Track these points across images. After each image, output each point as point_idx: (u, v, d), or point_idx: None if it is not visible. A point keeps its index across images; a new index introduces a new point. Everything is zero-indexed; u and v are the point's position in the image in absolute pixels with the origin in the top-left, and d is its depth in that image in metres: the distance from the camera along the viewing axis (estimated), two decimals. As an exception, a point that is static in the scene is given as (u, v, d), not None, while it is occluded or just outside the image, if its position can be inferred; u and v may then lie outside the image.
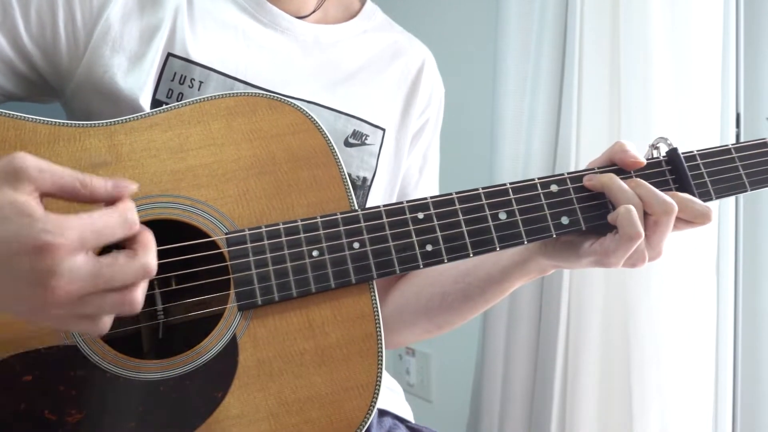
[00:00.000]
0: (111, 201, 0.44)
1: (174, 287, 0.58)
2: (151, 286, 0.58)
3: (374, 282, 0.57)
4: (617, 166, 0.63)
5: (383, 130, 0.77)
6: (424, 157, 0.85)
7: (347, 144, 0.74)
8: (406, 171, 0.83)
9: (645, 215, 0.58)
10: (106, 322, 0.45)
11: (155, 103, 0.66)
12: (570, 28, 1.03)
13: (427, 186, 0.85)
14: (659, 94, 0.94)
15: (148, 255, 0.44)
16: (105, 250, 0.45)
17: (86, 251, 0.42)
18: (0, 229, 0.40)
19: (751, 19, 1.00)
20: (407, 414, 0.81)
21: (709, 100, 0.93)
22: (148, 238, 0.45)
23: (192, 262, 0.57)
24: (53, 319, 0.43)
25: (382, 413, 0.77)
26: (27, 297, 0.41)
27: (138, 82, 0.65)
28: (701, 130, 0.92)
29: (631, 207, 0.57)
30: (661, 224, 0.58)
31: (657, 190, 0.59)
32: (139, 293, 0.44)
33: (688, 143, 0.90)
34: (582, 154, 1.02)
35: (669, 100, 0.94)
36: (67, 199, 0.43)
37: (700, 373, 0.93)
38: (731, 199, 0.99)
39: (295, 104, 0.63)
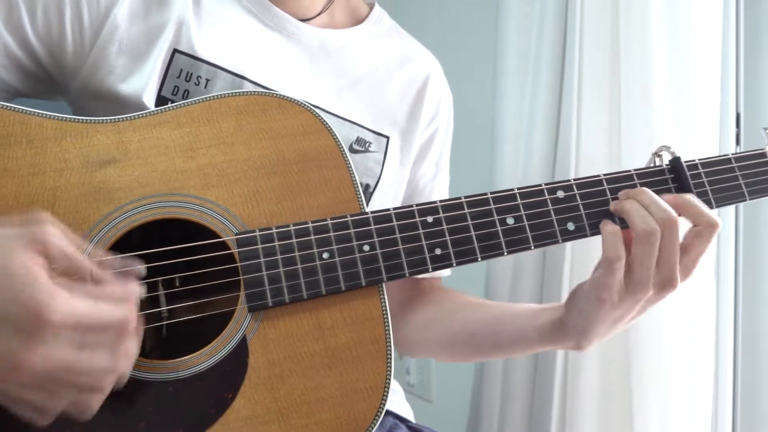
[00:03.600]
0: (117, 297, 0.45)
1: (181, 288, 0.58)
2: (157, 287, 0.58)
3: (384, 285, 0.58)
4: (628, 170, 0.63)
5: (387, 138, 0.77)
6: (437, 165, 0.84)
7: (351, 150, 0.74)
8: (419, 180, 0.83)
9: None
10: (48, 419, 0.44)
11: (160, 100, 0.66)
12: (570, 28, 1.03)
13: (438, 196, 0.85)
14: (659, 94, 0.94)
15: (126, 360, 0.45)
16: None
17: (72, 336, 0.42)
18: (5, 284, 0.41)
19: (751, 19, 1.00)
20: (408, 414, 0.81)
21: (709, 100, 0.93)
22: (134, 350, 0.46)
23: (201, 262, 0.57)
24: (4, 390, 0.42)
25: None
26: None
27: (141, 81, 0.64)
28: (701, 130, 0.92)
29: (617, 229, 0.58)
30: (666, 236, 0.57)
31: (662, 202, 0.58)
32: (98, 399, 0.45)
33: (688, 143, 0.91)
34: (582, 154, 1.02)
35: (669, 100, 0.94)
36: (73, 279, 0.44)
37: (700, 374, 0.93)
38: (731, 199, 0.99)
39: (305, 104, 0.62)
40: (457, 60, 1.34)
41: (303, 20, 0.74)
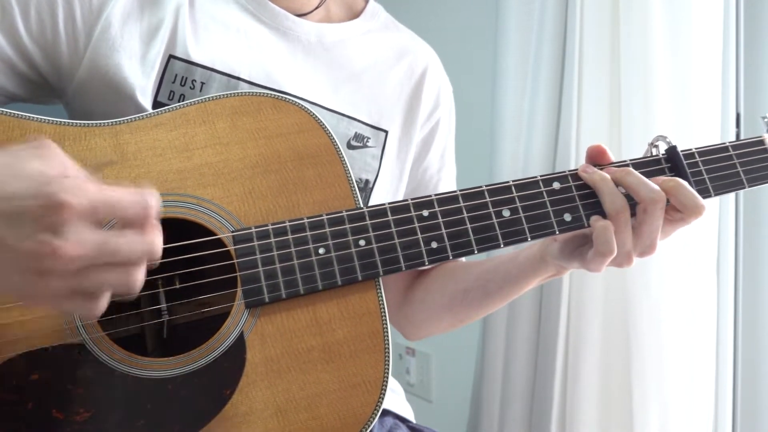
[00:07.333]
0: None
1: (179, 285, 0.58)
2: (154, 284, 0.58)
3: (380, 279, 0.58)
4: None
5: (385, 132, 0.77)
6: (442, 158, 0.85)
7: (349, 146, 0.74)
8: (424, 173, 0.83)
9: (636, 204, 0.59)
10: (102, 303, 0.44)
11: (156, 105, 0.66)
12: (570, 28, 1.04)
13: (446, 188, 0.85)
14: (659, 94, 0.94)
15: (155, 235, 0.45)
16: None
17: (95, 222, 0.42)
18: (18, 185, 0.40)
19: (751, 19, 1.01)
20: (408, 414, 0.81)
21: (709, 100, 0.93)
22: (157, 226, 0.45)
23: (198, 260, 0.57)
24: (50, 293, 0.42)
25: (384, 413, 0.77)
26: (29, 261, 0.40)
27: (139, 84, 0.65)
28: (701, 130, 0.93)
29: (609, 224, 0.59)
30: (649, 213, 0.59)
31: (646, 180, 0.60)
32: (140, 274, 0.44)
33: (688, 143, 0.91)
34: (582, 153, 1.01)
35: (669, 100, 0.94)
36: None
37: (700, 373, 0.93)
38: (731, 199, 0.99)
39: (299, 103, 0.63)
40: (456, 60, 1.35)
41: (299, 15, 0.75)
